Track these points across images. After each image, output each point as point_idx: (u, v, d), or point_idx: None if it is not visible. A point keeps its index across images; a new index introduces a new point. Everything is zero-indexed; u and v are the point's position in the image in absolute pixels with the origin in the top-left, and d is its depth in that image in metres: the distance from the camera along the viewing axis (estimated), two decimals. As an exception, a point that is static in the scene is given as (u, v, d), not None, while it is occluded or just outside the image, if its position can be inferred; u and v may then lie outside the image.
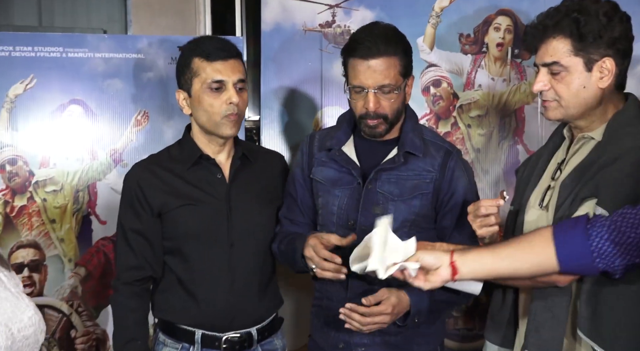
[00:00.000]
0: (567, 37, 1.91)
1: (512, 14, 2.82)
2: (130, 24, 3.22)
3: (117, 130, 2.85)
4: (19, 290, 1.68)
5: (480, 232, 2.01)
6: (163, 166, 2.24)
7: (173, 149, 2.30)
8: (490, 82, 2.84)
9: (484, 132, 2.84)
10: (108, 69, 2.83)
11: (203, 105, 2.18)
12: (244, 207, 2.26)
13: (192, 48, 2.21)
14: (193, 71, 2.18)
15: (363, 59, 2.13)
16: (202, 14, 3.14)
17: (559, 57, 1.93)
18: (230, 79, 2.17)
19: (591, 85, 1.94)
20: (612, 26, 1.91)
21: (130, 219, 2.22)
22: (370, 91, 2.14)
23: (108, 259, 2.85)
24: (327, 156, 2.29)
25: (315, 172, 2.32)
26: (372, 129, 2.20)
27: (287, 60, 2.91)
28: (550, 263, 1.82)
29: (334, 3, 2.91)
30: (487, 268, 1.85)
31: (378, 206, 2.23)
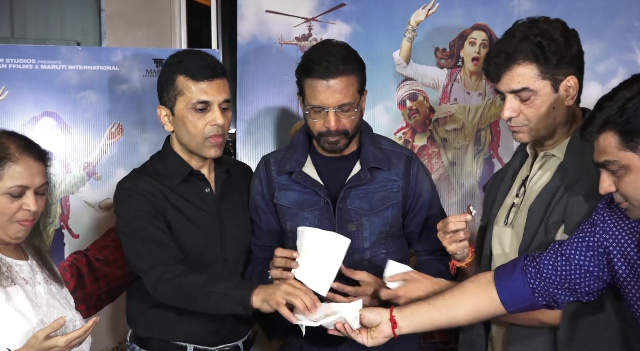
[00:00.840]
0: (533, 62, 1.94)
1: (487, 29, 2.83)
2: (105, 36, 3.19)
3: (90, 143, 2.82)
4: (68, 302, 1.98)
5: (451, 248, 2.03)
6: (154, 182, 2.18)
7: (156, 164, 2.25)
8: (466, 96, 2.86)
9: (459, 146, 2.85)
10: (82, 81, 2.80)
11: (187, 125, 2.14)
12: (234, 222, 2.26)
13: (176, 64, 2.16)
14: (177, 89, 2.14)
15: (322, 79, 2.13)
16: (177, 26, 3.12)
17: (527, 83, 1.95)
18: (215, 99, 2.14)
19: (559, 105, 1.97)
20: (571, 45, 1.95)
21: (151, 214, 2.12)
22: (330, 110, 2.15)
23: (81, 273, 2.81)
24: (288, 179, 2.29)
25: (278, 197, 2.30)
26: (333, 145, 2.21)
27: (263, 73, 2.90)
28: (495, 308, 1.90)
29: (310, 16, 2.91)
30: (425, 320, 1.92)
31: (352, 223, 2.25)
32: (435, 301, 1.93)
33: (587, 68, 2.47)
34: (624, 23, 2.75)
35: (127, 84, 2.84)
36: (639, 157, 1.61)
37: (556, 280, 1.84)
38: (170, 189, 2.18)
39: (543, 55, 1.93)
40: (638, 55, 2.75)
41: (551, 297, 1.87)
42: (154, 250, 2.09)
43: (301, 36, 2.91)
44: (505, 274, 1.90)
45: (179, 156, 2.21)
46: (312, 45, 2.27)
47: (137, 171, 2.26)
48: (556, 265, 1.84)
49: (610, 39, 2.76)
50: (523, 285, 1.87)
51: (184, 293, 2.03)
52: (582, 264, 1.82)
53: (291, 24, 2.91)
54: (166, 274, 2.03)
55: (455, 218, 2.01)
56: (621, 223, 1.78)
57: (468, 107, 2.86)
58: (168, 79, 2.16)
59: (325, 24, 2.90)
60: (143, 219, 2.12)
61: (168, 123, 2.19)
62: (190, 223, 2.18)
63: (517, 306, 1.89)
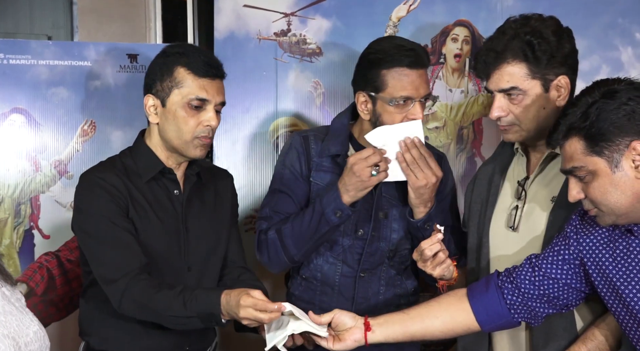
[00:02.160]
0: (522, 61, 1.92)
1: (470, 25, 2.80)
2: (77, 30, 3.13)
3: (62, 140, 2.76)
4: (22, 305, 1.70)
5: (437, 273, 2.00)
6: (121, 177, 2.08)
7: (125, 159, 2.14)
8: (448, 94, 2.83)
9: (441, 144, 2.82)
10: (53, 76, 2.74)
11: (177, 120, 2.05)
12: (199, 228, 2.15)
13: (178, 55, 2.06)
14: (176, 80, 2.04)
15: (412, 69, 2.15)
16: (152, 20, 3.06)
17: (516, 82, 1.93)
18: (214, 99, 2.06)
19: (550, 105, 1.95)
20: (563, 44, 1.94)
21: (117, 212, 2.02)
22: (419, 102, 2.17)
23: (52, 275, 2.74)
24: (330, 162, 2.28)
25: (315, 177, 2.30)
26: None
27: (241, 69, 2.84)
28: (470, 323, 1.90)
29: (289, 11, 2.86)
30: (398, 329, 1.91)
31: (382, 210, 2.29)
32: (410, 310, 1.93)
33: (570, 65, 2.45)
34: (608, 20, 2.75)
35: (100, 80, 2.77)
36: (605, 161, 1.63)
37: (535, 294, 1.84)
38: (136, 187, 2.08)
39: (533, 54, 1.91)
40: (622, 53, 2.74)
41: (530, 312, 1.86)
42: (119, 257, 1.99)
43: (280, 32, 2.86)
44: (479, 291, 1.89)
45: (152, 152, 2.11)
46: (379, 39, 2.29)
47: (104, 164, 2.15)
48: (533, 280, 1.84)
49: (594, 36, 2.75)
50: (499, 302, 1.86)
51: (150, 313, 1.96)
52: (560, 278, 1.82)
53: (269, 19, 2.86)
54: (131, 289, 1.95)
55: (427, 243, 1.98)
56: (595, 233, 1.78)
57: (450, 104, 2.83)
58: (165, 68, 2.06)
59: (305, 19, 2.86)
60: (109, 218, 2.01)
61: (154, 114, 2.08)
62: (153, 225, 2.07)
63: (493, 323, 1.89)
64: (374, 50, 2.21)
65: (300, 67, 2.84)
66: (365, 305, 2.29)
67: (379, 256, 2.30)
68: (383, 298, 2.32)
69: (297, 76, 2.84)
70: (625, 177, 1.62)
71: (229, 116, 2.85)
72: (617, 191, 1.63)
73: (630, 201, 1.63)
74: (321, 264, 2.32)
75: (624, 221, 1.68)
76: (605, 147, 1.62)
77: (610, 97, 1.62)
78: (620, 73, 2.63)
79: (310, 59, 2.84)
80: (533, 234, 1.99)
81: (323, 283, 2.32)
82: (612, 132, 1.61)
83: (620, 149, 1.61)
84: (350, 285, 2.31)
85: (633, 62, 2.74)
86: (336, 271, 2.31)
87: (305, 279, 2.36)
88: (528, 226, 2.00)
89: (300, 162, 2.31)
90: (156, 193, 2.10)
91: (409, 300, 2.35)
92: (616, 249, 1.73)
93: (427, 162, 2.12)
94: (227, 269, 2.23)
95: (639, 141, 1.60)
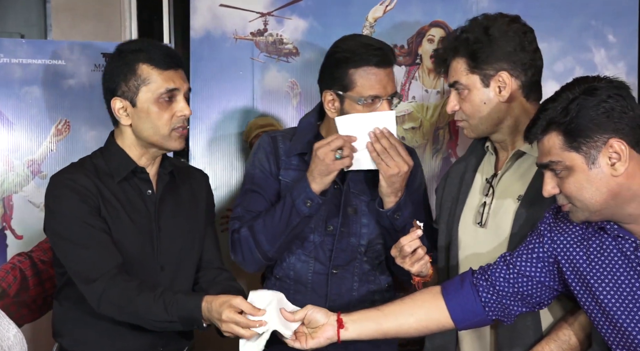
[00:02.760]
0: (462, 57, 1.99)
1: (446, 26, 2.82)
2: (50, 28, 3.09)
3: (35, 140, 2.73)
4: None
5: (415, 269, 2.01)
6: (92, 178, 2.05)
7: (97, 159, 2.12)
8: (424, 94, 2.84)
9: (417, 145, 2.84)
10: (26, 75, 2.71)
11: (151, 116, 2.03)
12: (172, 227, 2.13)
13: (136, 53, 2.04)
14: (141, 78, 2.02)
15: (379, 68, 2.17)
16: (127, 19, 3.03)
17: (458, 77, 2.00)
18: (182, 88, 2.05)
19: (491, 100, 2.00)
20: (506, 40, 1.96)
21: (91, 213, 2.00)
22: (386, 100, 2.18)
23: (24, 276, 2.71)
24: (297, 161, 2.29)
25: (284, 175, 2.30)
26: None
27: (217, 69, 2.83)
28: (445, 320, 1.89)
29: (266, 11, 2.86)
30: (372, 326, 1.90)
31: (350, 206, 2.29)
32: (383, 307, 1.91)
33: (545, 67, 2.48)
34: (581, 22, 2.78)
35: (74, 79, 2.75)
36: (582, 157, 1.63)
37: (509, 292, 1.85)
38: (108, 187, 2.06)
39: (471, 49, 1.96)
40: (595, 54, 2.77)
41: (503, 310, 1.87)
42: (95, 257, 1.97)
43: (256, 31, 2.85)
44: (454, 289, 1.89)
45: (124, 152, 2.09)
46: (344, 37, 2.27)
47: (74, 166, 2.12)
48: (508, 277, 1.85)
49: (568, 38, 2.78)
50: (474, 300, 1.87)
51: (129, 315, 1.96)
52: (534, 276, 1.83)
53: (246, 19, 2.85)
54: (109, 290, 1.94)
55: (407, 239, 1.98)
56: (569, 231, 1.79)
57: (426, 105, 2.85)
58: (127, 67, 2.03)
59: (282, 19, 2.85)
60: (81, 218, 1.99)
61: (124, 116, 2.06)
62: (125, 226, 2.05)
63: (467, 321, 1.89)
64: (341, 49, 2.21)
65: (277, 67, 2.84)
66: (339, 302, 2.29)
67: (351, 251, 2.31)
68: (357, 294, 2.32)
69: (274, 76, 2.84)
70: (601, 174, 1.63)
71: (205, 116, 2.85)
72: (593, 188, 1.64)
73: (604, 198, 1.64)
74: (293, 262, 2.32)
75: (597, 217, 1.70)
76: (583, 143, 1.63)
77: (590, 94, 1.64)
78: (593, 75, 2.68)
79: (287, 59, 2.84)
80: (500, 231, 2.02)
81: (296, 281, 2.32)
82: (591, 129, 1.62)
83: (597, 146, 1.62)
84: (323, 282, 2.30)
85: (606, 63, 2.78)
86: (308, 268, 2.31)
87: (279, 279, 2.35)
88: (495, 222, 2.02)
89: (269, 161, 2.31)
90: (128, 193, 2.08)
91: (383, 296, 2.35)
92: (589, 247, 1.75)
93: (398, 151, 2.13)
94: (202, 270, 2.21)
95: (616, 139, 1.62)
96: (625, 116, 1.62)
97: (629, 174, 1.62)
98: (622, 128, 1.62)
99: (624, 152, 1.61)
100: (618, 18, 2.76)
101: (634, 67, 2.77)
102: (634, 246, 1.69)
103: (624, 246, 1.70)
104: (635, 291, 1.69)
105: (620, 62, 2.77)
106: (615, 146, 1.61)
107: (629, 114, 1.62)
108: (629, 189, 1.63)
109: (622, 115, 1.62)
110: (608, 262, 1.72)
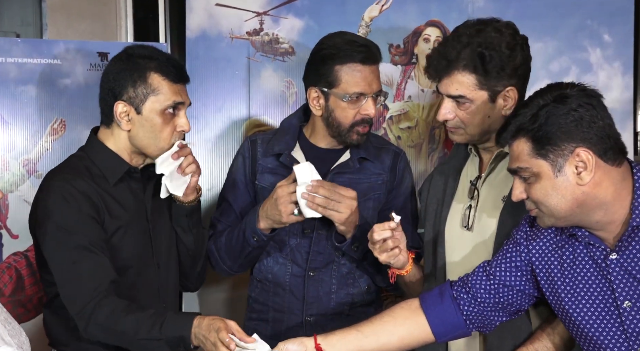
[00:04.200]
0: (472, 73, 1.94)
1: (442, 25, 2.81)
2: (46, 27, 3.08)
3: (31, 139, 2.73)
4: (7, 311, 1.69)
5: (382, 258, 2.00)
6: (90, 183, 2.02)
7: (85, 162, 2.08)
8: (420, 94, 2.84)
9: (413, 144, 2.83)
10: (21, 74, 2.70)
11: (154, 127, 2.01)
12: (163, 225, 2.14)
13: (148, 60, 2.02)
14: (151, 87, 2.00)
15: (365, 65, 2.16)
16: (123, 18, 3.02)
17: (465, 91, 1.95)
18: (186, 102, 2.06)
19: (495, 114, 1.98)
20: (514, 56, 1.95)
21: (87, 232, 1.95)
22: (371, 97, 2.16)
23: (20, 275, 2.70)
24: (274, 162, 2.27)
25: (260, 179, 2.29)
26: (361, 137, 2.21)
27: (213, 68, 2.83)
28: (426, 336, 1.88)
29: (262, 10, 2.85)
30: (352, 348, 1.85)
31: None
32: (363, 327, 1.88)
33: (540, 67, 2.48)
34: (577, 21, 2.77)
35: (70, 79, 2.74)
36: (549, 165, 1.64)
37: (491, 302, 1.85)
38: (106, 191, 2.03)
39: (483, 67, 1.93)
40: (590, 54, 2.77)
41: (484, 321, 1.87)
42: (87, 275, 1.92)
43: (252, 31, 2.85)
44: (433, 302, 1.88)
45: (115, 153, 2.07)
46: (330, 34, 2.27)
47: (69, 170, 2.07)
48: (489, 288, 1.85)
49: (563, 38, 2.77)
50: (455, 314, 1.86)
51: (117, 337, 1.92)
52: (514, 285, 1.84)
53: (242, 18, 2.84)
54: (96, 314, 1.90)
55: (379, 227, 1.97)
56: (544, 239, 1.80)
57: (422, 104, 2.84)
58: (137, 74, 2.01)
59: (278, 18, 2.84)
60: (82, 231, 1.95)
61: (125, 121, 2.03)
62: (126, 228, 2.04)
63: (449, 335, 1.89)
64: (326, 46, 2.21)
65: (273, 66, 2.84)
66: (317, 305, 2.27)
67: (328, 254, 2.29)
68: (336, 297, 2.30)
69: (270, 76, 2.83)
70: (567, 182, 1.63)
71: (200, 116, 2.84)
72: (558, 195, 1.64)
73: (569, 205, 1.65)
74: (271, 265, 2.31)
75: (564, 223, 1.70)
76: (551, 151, 1.63)
77: (560, 102, 1.63)
78: (589, 74, 2.68)
79: (283, 59, 2.83)
80: (486, 234, 2.02)
81: (275, 284, 2.31)
82: (559, 137, 1.62)
83: (565, 154, 1.63)
84: (301, 285, 2.28)
85: (602, 63, 2.77)
86: (286, 271, 2.30)
87: (259, 282, 2.35)
88: (481, 225, 2.02)
89: (245, 167, 2.31)
90: (124, 195, 2.07)
91: (363, 298, 2.33)
92: (562, 255, 1.75)
93: (339, 192, 2.09)
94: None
95: (583, 148, 1.62)
96: (595, 125, 1.62)
97: (595, 183, 1.63)
98: (590, 138, 1.62)
99: (590, 162, 1.61)
100: (614, 17, 2.75)
101: (629, 66, 2.77)
102: (604, 254, 1.69)
103: (594, 254, 1.70)
104: (607, 299, 1.68)
105: (616, 62, 2.77)
106: (582, 155, 1.62)
107: (597, 124, 1.62)
108: (594, 197, 1.63)
109: (591, 124, 1.62)
110: (579, 270, 1.72)
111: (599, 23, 2.77)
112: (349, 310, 2.29)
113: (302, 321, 2.27)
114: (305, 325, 2.26)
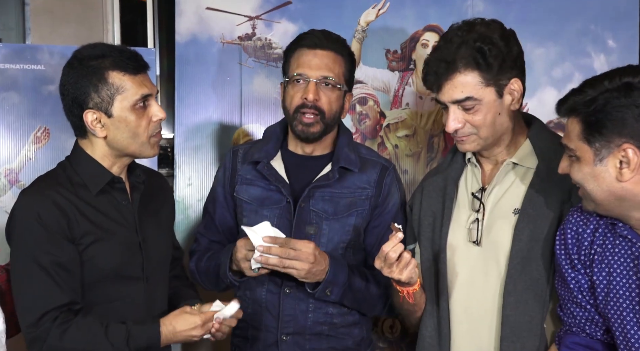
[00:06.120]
0: (475, 70, 1.87)
1: (440, 30, 2.75)
2: (29, 32, 3.04)
3: (13, 148, 2.71)
4: None
5: (405, 276, 1.89)
6: (68, 194, 1.95)
7: (68, 171, 2.01)
8: (418, 101, 2.77)
9: (411, 153, 2.76)
10: (3, 80, 2.68)
11: (130, 126, 1.94)
12: (155, 237, 2.08)
13: (101, 59, 1.93)
14: (114, 86, 1.92)
15: (309, 48, 2.14)
16: (110, 22, 2.97)
17: (471, 92, 1.88)
18: (153, 91, 1.99)
19: (505, 110, 1.92)
20: (511, 46, 1.92)
21: (53, 251, 1.89)
22: (312, 80, 2.11)
23: (1, 290, 2.57)
24: (253, 172, 2.22)
25: (239, 191, 2.23)
26: (307, 127, 2.14)
27: (204, 74, 2.78)
28: None
29: (254, 15, 2.80)
30: None
31: (311, 225, 2.17)
32: None
33: (542, 73, 2.40)
34: (580, 26, 2.71)
35: (54, 85, 2.67)
36: (592, 152, 1.62)
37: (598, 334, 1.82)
38: (86, 201, 1.96)
39: (485, 61, 1.86)
40: (594, 60, 2.70)
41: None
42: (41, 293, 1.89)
43: (244, 35, 2.79)
44: None
45: (96, 161, 2.00)
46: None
47: (46, 180, 2.00)
48: (597, 330, 1.81)
49: (566, 43, 2.71)
50: None
51: None
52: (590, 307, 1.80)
53: (233, 23, 2.79)
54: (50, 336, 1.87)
55: (389, 246, 1.86)
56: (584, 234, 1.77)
57: (420, 112, 2.77)
58: (97, 77, 1.92)
59: (270, 22, 2.79)
60: (45, 248, 1.89)
61: (99, 128, 1.96)
62: (108, 240, 1.97)
63: None
64: (291, 42, 2.24)
65: (266, 72, 2.79)
66: (293, 324, 2.19)
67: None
68: (313, 316, 2.20)
69: (263, 82, 2.79)
70: (606, 173, 1.62)
71: (190, 123, 2.80)
72: (594, 182, 1.63)
73: (605, 195, 1.63)
74: (249, 281, 2.23)
75: (604, 212, 1.69)
76: (598, 140, 1.60)
77: (624, 93, 1.58)
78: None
79: (276, 64, 2.77)
80: (497, 249, 1.94)
81: (253, 300, 2.24)
82: (610, 128, 1.58)
83: (611, 146, 1.59)
84: (276, 302, 2.20)
85: (605, 69, 2.65)
86: (262, 287, 2.22)
87: (239, 297, 2.27)
88: (490, 239, 1.94)
89: (225, 179, 2.29)
90: (107, 206, 2.00)
91: (344, 320, 2.23)
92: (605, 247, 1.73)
93: (293, 247, 2.02)
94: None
95: (632, 145, 1.58)
96: None
97: (636, 182, 1.60)
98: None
99: (634, 161, 1.58)
100: (618, 22, 2.69)
101: (633, 73, 2.70)
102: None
103: (630, 249, 1.68)
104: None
105: (620, 67, 2.70)
106: (629, 153, 1.58)
107: None
108: (636, 195, 1.61)
109: None
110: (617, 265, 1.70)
111: (602, 28, 2.71)
112: (328, 330, 2.20)
113: (277, 339, 2.19)
114: (280, 344, 2.18)
